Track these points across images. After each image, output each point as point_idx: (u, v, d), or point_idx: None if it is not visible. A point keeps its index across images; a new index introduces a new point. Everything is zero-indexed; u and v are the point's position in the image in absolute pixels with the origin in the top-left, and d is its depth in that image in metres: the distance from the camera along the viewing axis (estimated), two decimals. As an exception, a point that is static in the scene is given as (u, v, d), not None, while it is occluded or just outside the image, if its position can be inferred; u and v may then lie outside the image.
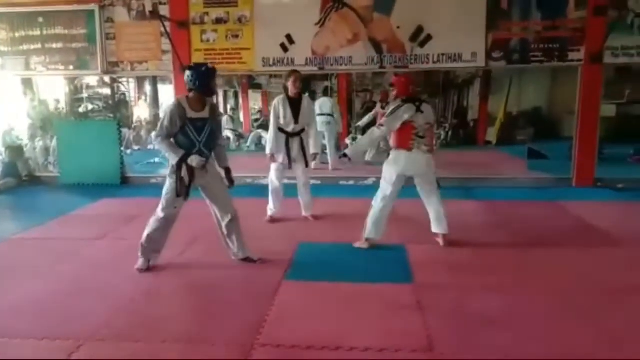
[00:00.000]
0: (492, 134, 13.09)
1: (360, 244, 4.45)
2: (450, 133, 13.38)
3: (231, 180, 4.01)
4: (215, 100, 3.86)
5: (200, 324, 3.11)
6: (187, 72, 3.73)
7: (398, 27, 7.16)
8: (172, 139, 3.77)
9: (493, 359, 2.65)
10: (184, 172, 3.76)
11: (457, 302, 3.35)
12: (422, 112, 4.27)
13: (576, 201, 6.30)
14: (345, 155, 4.46)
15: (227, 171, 4.02)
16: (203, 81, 3.72)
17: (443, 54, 7.13)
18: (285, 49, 7.35)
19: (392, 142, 4.39)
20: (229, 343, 2.83)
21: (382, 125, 4.32)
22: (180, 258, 4.29)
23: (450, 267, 4.02)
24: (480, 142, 13.15)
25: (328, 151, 8.86)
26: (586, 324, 3.04)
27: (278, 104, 5.28)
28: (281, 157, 5.31)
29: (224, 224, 4.05)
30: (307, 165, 5.41)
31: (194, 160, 3.72)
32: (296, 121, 5.22)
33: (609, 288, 3.58)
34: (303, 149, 5.32)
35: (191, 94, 3.77)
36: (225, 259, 4.15)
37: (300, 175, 5.45)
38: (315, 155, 5.45)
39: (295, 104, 5.23)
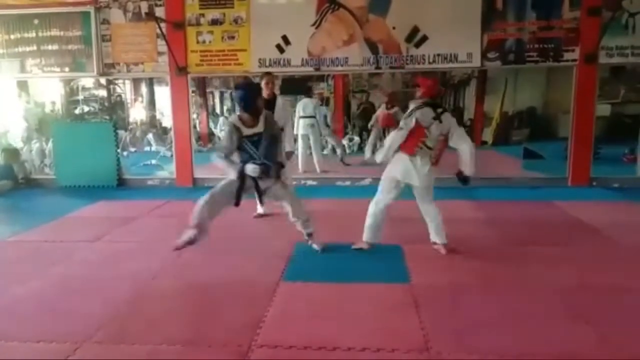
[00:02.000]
0: (488, 134, 13.13)
1: (359, 245, 4.44)
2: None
3: (278, 171, 4.12)
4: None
5: (198, 325, 3.11)
6: (235, 93, 3.94)
7: (394, 28, 7.19)
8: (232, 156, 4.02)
9: (489, 359, 2.66)
10: (248, 182, 3.99)
11: (454, 302, 3.37)
12: (440, 121, 4.08)
13: (572, 201, 6.32)
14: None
15: (280, 166, 4.17)
16: (247, 101, 3.87)
17: (439, 55, 7.16)
18: (281, 50, 7.36)
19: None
20: (226, 344, 2.84)
21: (401, 128, 4.10)
22: (178, 259, 4.28)
23: (446, 267, 4.03)
24: (476, 142, 13.17)
25: (313, 153, 8.83)
26: (583, 323, 3.05)
27: None
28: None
29: (298, 225, 4.37)
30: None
31: (248, 169, 3.90)
32: None
33: (605, 287, 3.60)
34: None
35: (242, 113, 3.93)
36: (224, 260, 4.16)
37: None
38: (289, 154, 5.59)
39: (269, 105, 5.41)
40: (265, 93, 5.41)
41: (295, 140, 7.72)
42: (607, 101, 11.15)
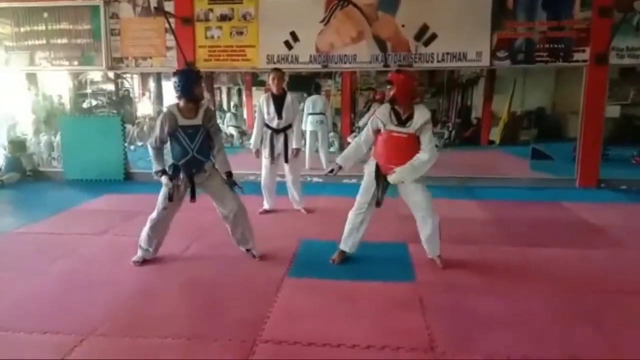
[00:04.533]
0: (495, 134, 13.07)
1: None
2: (453, 133, 13.36)
3: (234, 184, 3.98)
4: (211, 104, 3.86)
5: (202, 320, 3.12)
6: (173, 79, 3.75)
7: (403, 26, 7.15)
8: (163, 147, 3.85)
9: (493, 359, 2.65)
10: (181, 178, 3.86)
11: (459, 301, 3.35)
12: None
13: (579, 202, 6.28)
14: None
15: (229, 175, 3.98)
16: (185, 87, 3.71)
17: (448, 53, 7.13)
18: (289, 46, 7.35)
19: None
20: (231, 339, 2.84)
21: None
22: (184, 253, 4.30)
23: (452, 266, 4.00)
24: (484, 142, 13.13)
25: (320, 150, 8.81)
26: (587, 324, 3.04)
27: (263, 101, 5.51)
28: (267, 152, 5.50)
29: (226, 222, 4.07)
30: (286, 160, 5.55)
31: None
32: (279, 117, 5.41)
33: (610, 289, 3.58)
34: (287, 145, 5.49)
35: (181, 102, 3.78)
36: (229, 255, 4.16)
37: (287, 172, 5.65)
38: (296, 150, 5.58)
39: (278, 101, 5.42)
40: (273, 89, 5.41)
41: (303, 136, 7.70)
42: (616, 102, 11.06)
